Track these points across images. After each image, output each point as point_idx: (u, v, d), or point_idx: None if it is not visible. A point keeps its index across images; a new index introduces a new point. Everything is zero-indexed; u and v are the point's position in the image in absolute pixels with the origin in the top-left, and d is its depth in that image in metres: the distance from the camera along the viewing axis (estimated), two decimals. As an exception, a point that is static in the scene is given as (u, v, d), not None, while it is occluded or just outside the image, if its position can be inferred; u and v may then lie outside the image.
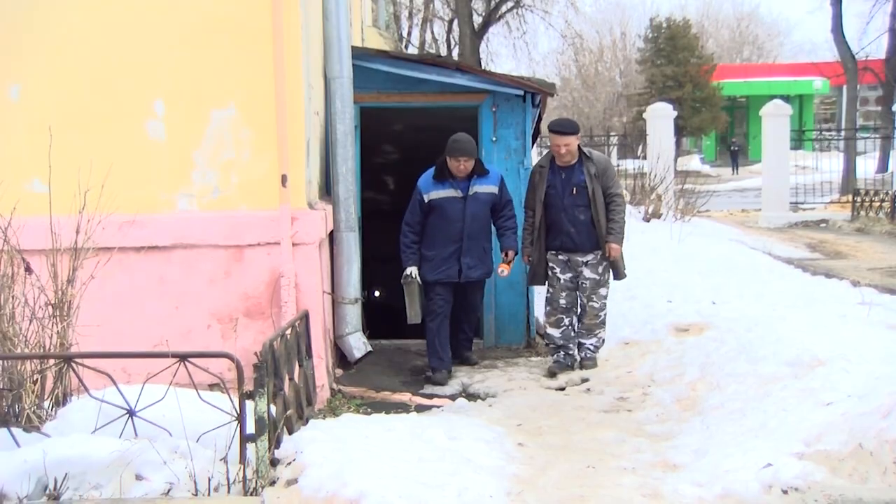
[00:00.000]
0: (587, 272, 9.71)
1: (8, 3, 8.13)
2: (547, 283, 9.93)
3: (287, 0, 8.17)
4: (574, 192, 9.61)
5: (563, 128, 9.73)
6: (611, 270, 9.79)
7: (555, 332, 9.87)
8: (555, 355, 9.87)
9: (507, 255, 9.73)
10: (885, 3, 35.98)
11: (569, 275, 9.78)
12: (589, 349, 9.85)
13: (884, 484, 5.75)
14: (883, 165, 33.54)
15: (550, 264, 9.82)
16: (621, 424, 7.85)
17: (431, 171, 9.73)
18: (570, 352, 9.84)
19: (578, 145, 9.70)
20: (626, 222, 9.88)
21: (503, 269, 9.71)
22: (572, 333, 9.89)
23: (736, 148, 48.96)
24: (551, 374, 9.63)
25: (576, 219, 9.61)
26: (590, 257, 9.67)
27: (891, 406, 6.24)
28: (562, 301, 9.81)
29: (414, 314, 9.70)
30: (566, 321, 9.86)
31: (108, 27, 8.16)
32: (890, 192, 24.08)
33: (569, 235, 9.65)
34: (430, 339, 9.76)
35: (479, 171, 9.64)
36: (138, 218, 7.98)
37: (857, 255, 18.08)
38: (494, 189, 9.73)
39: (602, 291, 9.80)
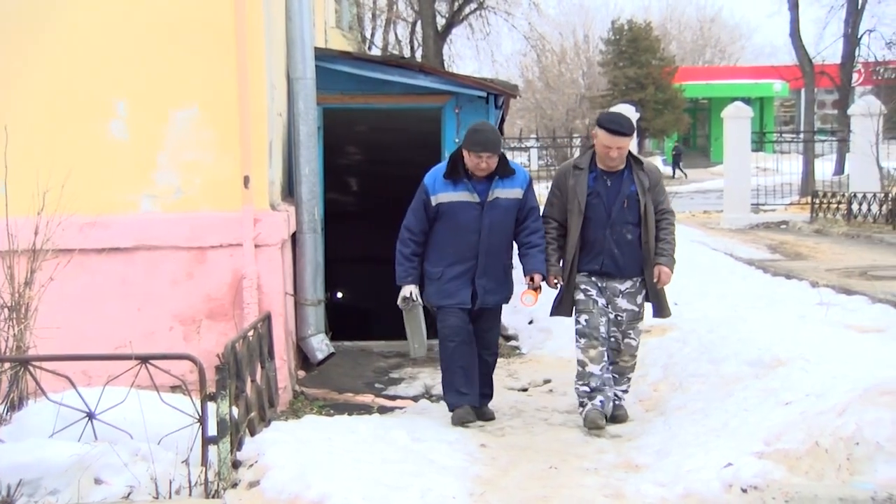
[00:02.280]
0: (624, 303, 7.90)
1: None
2: (577, 310, 7.90)
3: (250, 1, 8.13)
4: (626, 204, 7.78)
5: (621, 127, 7.74)
6: (650, 303, 8.02)
7: (595, 369, 7.73)
8: (590, 402, 7.67)
9: (532, 279, 7.77)
10: (840, 9, 36.49)
11: (604, 301, 7.87)
12: (619, 397, 8.02)
13: (838, 480, 5.78)
14: (840, 168, 33.87)
15: (583, 286, 7.86)
16: (583, 426, 7.84)
17: (441, 166, 8.00)
18: (609, 394, 7.79)
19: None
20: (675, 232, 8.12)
21: (529, 297, 7.71)
22: (607, 374, 7.84)
23: (677, 153, 48.72)
24: (594, 425, 7.54)
25: (622, 238, 7.79)
26: (627, 285, 7.88)
27: (846, 404, 6.29)
28: (602, 329, 7.81)
29: (418, 346, 8.08)
30: (607, 358, 7.85)
31: (69, 27, 8.11)
32: (846, 195, 24.23)
33: (612, 258, 7.79)
34: (444, 367, 7.94)
35: (503, 171, 7.78)
36: (100, 219, 7.97)
37: (815, 256, 18.20)
38: (519, 193, 7.85)
39: (640, 327, 8.05)
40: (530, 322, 11.42)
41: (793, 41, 36.04)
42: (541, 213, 8.00)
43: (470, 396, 7.77)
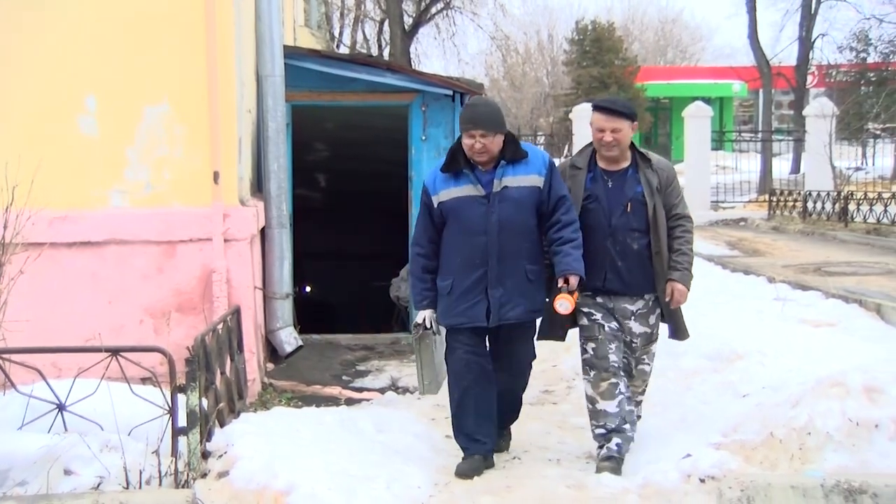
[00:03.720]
0: (636, 326, 6.64)
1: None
2: (583, 337, 6.68)
3: (219, 3, 8.11)
4: (628, 208, 6.50)
5: (614, 105, 6.65)
6: (665, 324, 6.81)
7: (609, 407, 6.47)
8: (605, 445, 6.45)
9: (566, 281, 6.19)
10: (795, 13, 36.80)
11: (615, 325, 6.59)
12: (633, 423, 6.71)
13: (791, 469, 5.87)
14: (796, 167, 34.05)
15: (586, 309, 6.58)
16: (546, 417, 7.88)
17: (441, 161, 6.75)
18: (628, 434, 6.52)
19: (633, 143, 6.72)
20: (692, 241, 6.81)
21: (564, 303, 6.13)
22: (627, 406, 6.55)
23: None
24: (610, 467, 6.29)
25: (627, 248, 6.50)
26: (639, 305, 6.61)
27: (799, 396, 6.36)
28: (612, 357, 6.51)
29: (428, 382, 6.83)
30: (622, 388, 6.52)
31: (38, 21, 8.05)
32: (802, 193, 24.40)
33: (616, 272, 6.50)
34: (452, 407, 6.57)
35: (512, 155, 6.34)
36: (70, 213, 7.95)
37: (773, 252, 18.30)
38: (537, 179, 6.33)
39: (653, 349, 6.86)
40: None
41: (751, 43, 36.31)
42: (571, 201, 6.42)
43: (486, 444, 6.42)
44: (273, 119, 9.16)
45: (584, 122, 25.05)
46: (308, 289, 14.86)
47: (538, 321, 6.67)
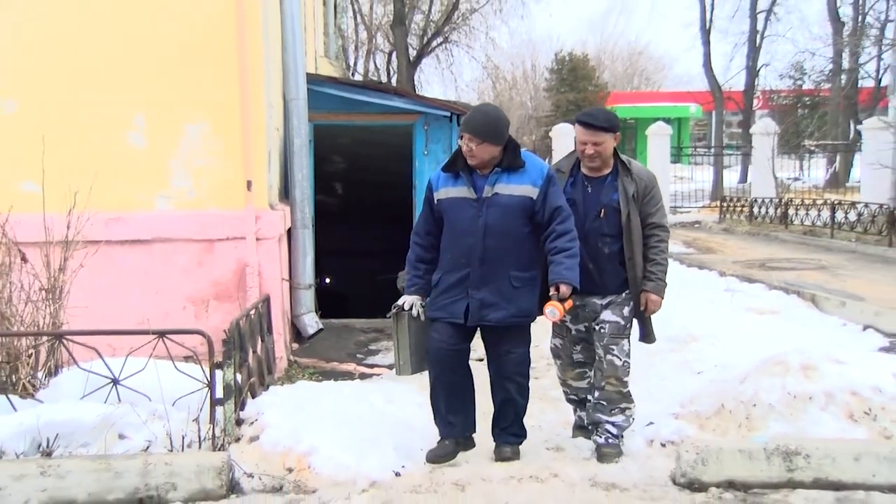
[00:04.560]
0: (608, 314, 6.02)
1: (6, 28, 7.97)
2: (554, 330, 6.33)
3: (250, 33, 8.12)
4: (602, 214, 5.97)
5: (594, 119, 5.99)
6: (637, 324, 6.22)
7: (580, 384, 6.29)
8: (577, 412, 6.43)
9: (557, 289, 5.57)
10: (743, 46, 37.13)
11: (581, 325, 6.14)
12: (609, 431, 5.98)
13: (739, 435, 5.91)
14: (743, 177, 34.09)
15: None
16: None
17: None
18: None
19: (616, 151, 6.08)
20: (667, 250, 6.28)
21: (552, 310, 5.51)
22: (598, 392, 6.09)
23: None
24: (583, 434, 6.28)
25: (598, 252, 5.97)
26: (610, 297, 6.03)
27: (746, 373, 6.38)
28: (576, 357, 6.26)
29: (403, 363, 6.02)
30: (589, 373, 6.23)
31: (96, 52, 8.05)
32: (748, 200, 24.42)
33: (586, 273, 5.86)
34: (430, 390, 5.98)
35: (509, 164, 5.71)
36: (122, 215, 7.97)
37: (723, 250, 18.26)
38: (530, 190, 5.67)
39: (625, 345, 6.02)
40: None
41: (705, 71, 36.44)
42: (569, 213, 5.76)
43: (457, 427, 5.87)
44: (297, 136, 9.16)
45: (562, 139, 25.26)
46: (327, 280, 14.82)
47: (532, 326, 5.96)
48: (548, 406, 7.29)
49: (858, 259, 15.79)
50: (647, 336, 6.22)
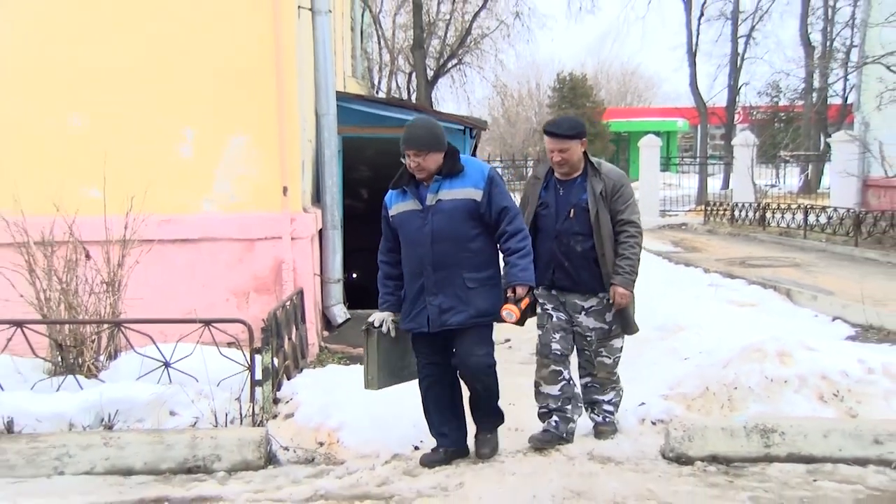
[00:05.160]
0: (591, 321, 5.75)
1: (81, 58, 8.01)
2: (537, 323, 5.90)
3: (287, 57, 8.14)
4: (571, 214, 5.66)
5: (558, 128, 5.73)
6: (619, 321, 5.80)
7: (552, 391, 5.76)
8: (545, 421, 5.80)
9: (513, 292, 5.16)
10: (725, 67, 37.09)
11: (563, 315, 5.81)
12: (607, 410, 5.90)
13: (721, 415, 5.91)
14: (725, 184, 33.93)
15: (541, 300, 5.82)
16: (533, 373, 7.83)
17: None
18: (568, 415, 5.77)
19: (586, 154, 5.77)
20: (640, 245, 5.75)
21: (509, 313, 5.13)
22: (574, 390, 5.87)
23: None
24: (538, 445, 5.67)
25: (571, 250, 5.67)
26: (592, 302, 5.73)
27: (728, 359, 6.37)
28: (555, 346, 5.75)
29: (371, 378, 5.51)
30: (565, 375, 5.77)
31: (151, 74, 8.08)
32: (730, 204, 24.37)
33: (563, 270, 5.70)
34: (423, 408, 5.59)
35: (448, 170, 5.27)
36: (173, 217, 7.99)
37: (708, 249, 18.22)
38: (473, 193, 5.21)
39: (616, 343, 5.83)
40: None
41: (692, 90, 36.24)
42: (517, 211, 5.36)
43: (448, 438, 5.52)
44: (328, 147, 9.17)
45: None
46: (354, 275, 14.83)
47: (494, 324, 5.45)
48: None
49: (828, 257, 15.77)
50: (626, 328, 5.82)
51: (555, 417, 5.77)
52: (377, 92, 36.73)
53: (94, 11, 8.01)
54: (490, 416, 5.57)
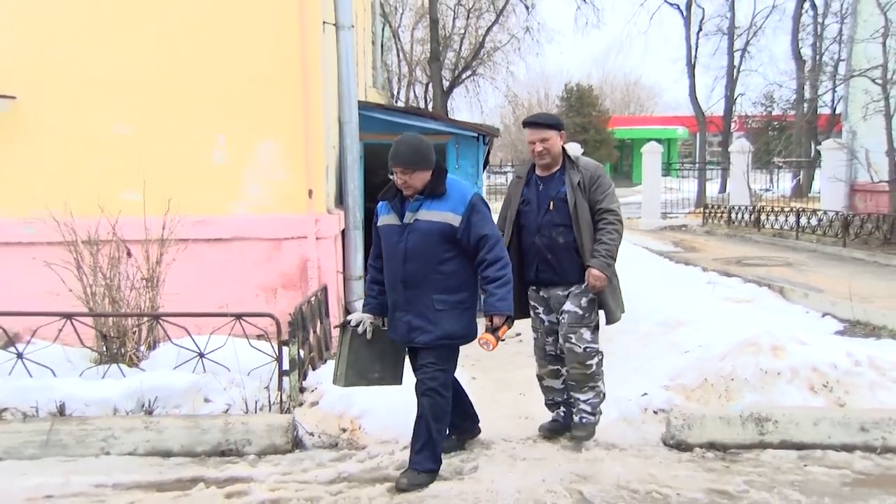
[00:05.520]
0: (568, 304, 5.48)
1: (123, 70, 8.06)
2: (531, 324, 5.80)
3: (312, 69, 8.14)
4: (551, 207, 5.46)
5: (538, 118, 5.60)
6: (600, 310, 5.56)
7: (554, 384, 5.74)
8: (553, 412, 5.81)
9: (491, 321, 4.84)
10: (722, 78, 37.34)
11: (553, 317, 5.61)
12: (584, 410, 5.55)
13: (719, 404, 5.89)
14: (723, 188, 33.93)
15: (532, 302, 5.69)
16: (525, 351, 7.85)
17: None
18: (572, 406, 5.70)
19: (564, 149, 5.57)
20: (619, 232, 5.52)
21: (486, 343, 4.80)
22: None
23: None
24: (545, 436, 5.66)
25: (553, 243, 5.45)
26: (573, 289, 5.47)
27: (725, 352, 6.36)
28: (549, 349, 5.68)
29: (339, 374, 5.17)
30: (562, 371, 5.69)
31: (187, 85, 8.11)
32: (727, 207, 24.33)
33: (546, 263, 5.49)
34: None
35: (430, 191, 4.91)
36: (206, 218, 8.00)
37: (706, 249, 18.20)
38: (451, 217, 4.82)
39: (585, 333, 5.45)
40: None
41: (691, 100, 36.21)
42: (497, 239, 4.89)
43: (456, 427, 5.45)
44: (350, 153, 9.16)
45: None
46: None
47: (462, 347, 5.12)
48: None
49: (818, 257, 15.77)
50: (609, 316, 5.55)
51: (562, 408, 5.77)
52: (396, 101, 36.78)
53: (135, 27, 8.03)
54: (426, 450, 4.94)
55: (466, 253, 4.87)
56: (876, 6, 16.95)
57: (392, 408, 5.72)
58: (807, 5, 34.67)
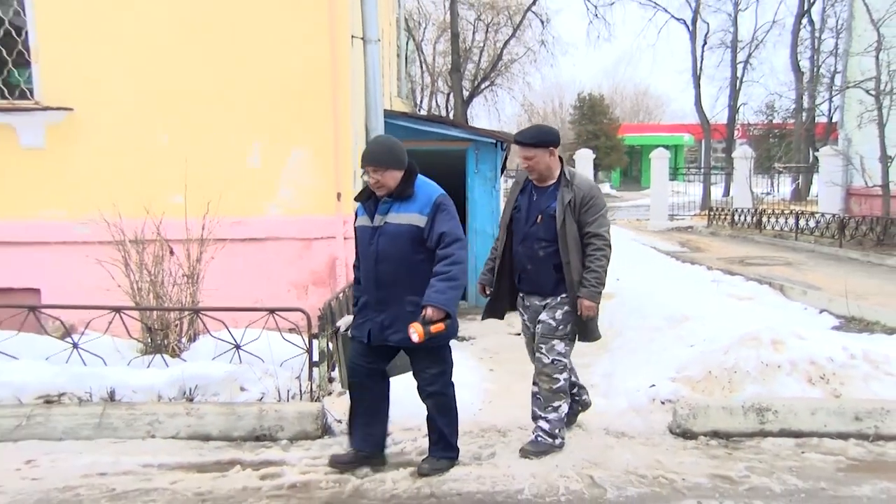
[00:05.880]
0: (543, 315, 5.23)
1: (167, 85, 8.12)
2: (522, 330, 5.67)
3: (341, 81, 8.16)
4: (539, 220, 5.17)
5: (522, 137, 5.25)
6: (577, 326, 5.21)
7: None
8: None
9: (424, 312, 4.48)
10: (726, 89, 37.41)
11: (537, 325, 5.32)
12: (541, 428, 5.22)
13: (722, 395, 5.87)
14: (726, 191, 33.72)
15: (520, 308, 5.47)
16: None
17: None
18: (583, 396, 5.72)
19: (563, 162, 5.30)
20: (607, 258, 5.13)
21: (413, 332, 4.45)
22: (573, 379, 5.60)
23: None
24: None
25: (534, 255, 5.18)
26: (549, 300, 5.22)
27: (728, 346, 6.32)
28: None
29: (342, 378, 5.40)
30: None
31: (224, 96, 8.15)
32: (731, 209, 24.21)
33: (525, 273, 5.27)
34: (349, 408, 5.06)
35: (399, 193, 4.70)
36: (243, 219, 8.04)
37: (710, 249, 18.10)
38: (417, 219, 4.63)
39: (558, 345, 5.18)
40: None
41: (696, 109, 36.14)
42: (454, 238, 4.61)
43: (356, 439, 4.95)
44: (376, 158, 9.19)
45: (582, 162, 25.28)
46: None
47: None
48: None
49: (816, 257, 15.66)
50: (586, 336, 5.25)
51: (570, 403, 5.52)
52: (419, 110, 36.79)
53: (179, 48, 8.08)
54: (442, 443, 4.89)
55: (435, 253, 4.61)
56: (869, 22, 16.95)
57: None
58: (805, 21, 34.63)
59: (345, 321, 5.10)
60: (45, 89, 8.07)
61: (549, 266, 5.15)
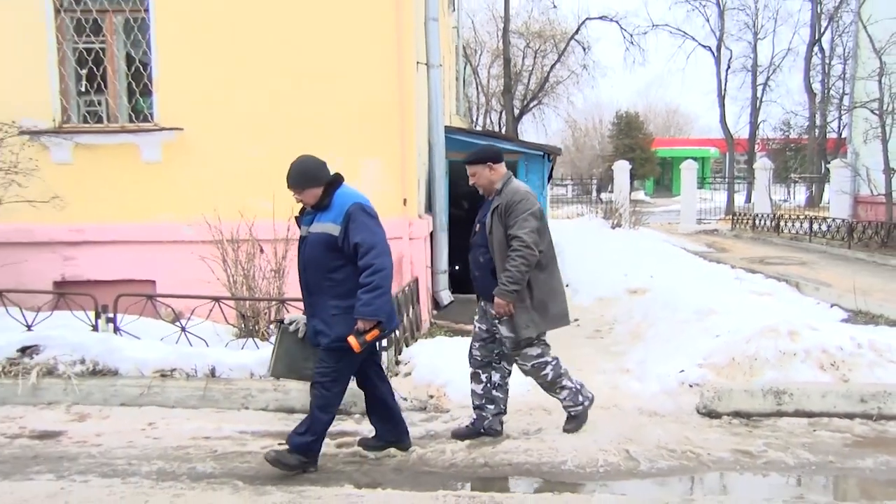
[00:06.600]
0: (504, 329, 4.86)
1: (262, 106, 8.25)
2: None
3: (407, 100, 8.20)
4: (478, 228, 5.00)
5: (466, 157, 5.14)
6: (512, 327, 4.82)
7: (476, 388, 5.08)
8: (472, 417, 5.12)
9: (356, 325, 4.26)
10: (747, 107, 37.29)
11: (484, 325, 5.02)
12: (567, 405, 5.10)
13: (743, 380, 5.78)
14: (748, 198, 33.25)
15: (477, 309, 5.15)
16: (596, 346, 7.80)
17: None
18: (485, 413, 5.03)
19: (507, 178, 5.01)
20: (524, 258, 4.71)
21: (351, 342, 4.25)
22: (494, 393, 5.05)
23: (598, 187, 43.50)
24: (454, 435, 5.00)
25: (476, 261, 4.96)
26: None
27: (750, 336, 6.23)
28: (475, 352, 5.08)
29: (272, 365, 4.63)
30: (483, 377, 5.06)
31: (306, 116, 8.24)
32: (752, 215, 23.92)
33: (475, 279, 5.02)
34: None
35: (317, 204, 4.49)
36: (323, 223, 8.09)
37: (733, 250, 17.85)
38: (332, 228, 4.36)
39: (529, 351, 4.91)
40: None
41: (721, 125, 35.92)
42: (369, 247, 4.28)
43: (376, 433, 4.87)
44: (438, 168, 9.24)
45: (619, 172, 25.50)
46: (457, 267, 14.89)
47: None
48: (609, 357, 7.23)
49: (827, 257, 15.48)
50: (516, 332, 4.84)
51: (474, 414, 5.11)
52: (475, 126, 36.81)
53: (271, 75, 8.19)
54: (300, 428, 4.45)
55: (353, 260, 4.31)
56: (872, 51, 17.15)
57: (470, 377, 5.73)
58: (816, 49, 34.65)
59: (289, 317, 4.72)
60: (162, 113, 8.29)
61: (488, 271, 4.88)
